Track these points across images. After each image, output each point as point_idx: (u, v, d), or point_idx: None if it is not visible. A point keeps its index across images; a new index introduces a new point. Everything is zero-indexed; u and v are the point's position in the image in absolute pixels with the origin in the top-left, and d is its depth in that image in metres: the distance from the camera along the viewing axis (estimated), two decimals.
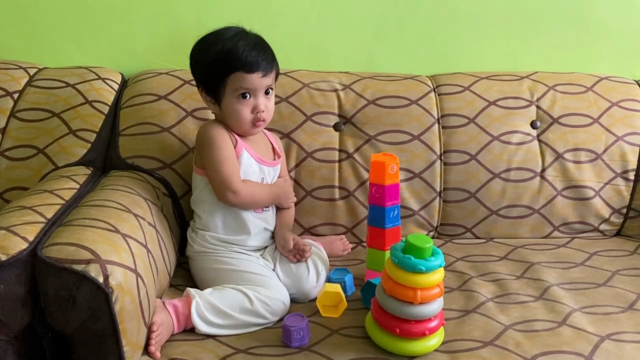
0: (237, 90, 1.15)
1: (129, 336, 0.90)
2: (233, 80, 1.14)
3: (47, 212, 1.00)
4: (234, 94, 1.15)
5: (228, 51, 1.13)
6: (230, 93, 1.16)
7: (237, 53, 1.13)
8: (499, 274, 1.28)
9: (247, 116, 1.17)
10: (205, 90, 1.19)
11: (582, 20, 1.62)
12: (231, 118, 1.18)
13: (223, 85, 1.15)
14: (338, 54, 1.58)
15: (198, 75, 1.20)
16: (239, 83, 1.14)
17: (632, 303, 1.17)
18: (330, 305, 1.12)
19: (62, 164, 1.31)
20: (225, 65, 1.14)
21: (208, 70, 1.15)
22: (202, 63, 1.16)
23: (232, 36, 1.15)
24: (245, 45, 1.14)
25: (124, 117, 1.39)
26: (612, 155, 1.48)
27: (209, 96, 1.19)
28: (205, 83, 1.18)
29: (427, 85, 1.51)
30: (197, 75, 1.20)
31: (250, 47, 1.14)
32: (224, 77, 1.14)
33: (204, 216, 1.23)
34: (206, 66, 1.15)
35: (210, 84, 1.17)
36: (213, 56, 1.14)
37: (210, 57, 1.14)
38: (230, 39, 1.14)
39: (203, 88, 1.19)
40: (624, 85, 1.56)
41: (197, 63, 1.18)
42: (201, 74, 1.18)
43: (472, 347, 1.01)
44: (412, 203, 1.44)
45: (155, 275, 1.04)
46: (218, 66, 1.14)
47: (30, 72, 1.43)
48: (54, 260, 0.86)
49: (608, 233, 1.52)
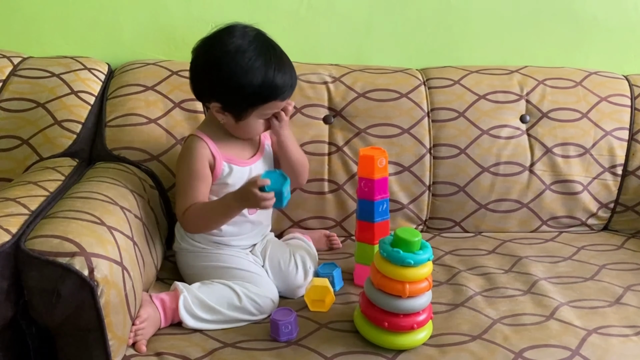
0: (266, 114, 1.13)
1: (115, 330, 0.89)
2: (268, 107, 1.12)
3: (31, 204, 0.98)
4: (260, 115, 1.13)
5: (271, 83, 1.07)
6: (258, 115, 1.13)
7: (278, 85, 1.09)
8: (487, 267, 1.29)
9: (261, 129, 1.17)
10: (223, 107, 1.12)
11: (572, 15, 1.62)
12: (244, 131, 1.16)
13: (254, 108, 1.11)
14: (328, 46, 1.57)
15: (222, 95, 1.10)
16: (271, 108, 1.12)
17: (619, 297, 1.18)
18: (319, 300, 1.11)
19: (46, 155, 1.29)
20: (266, 97, 1.09)
21: (244, 97, 1.09)
22: (235, 88, 1.08)
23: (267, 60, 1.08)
24: (284, 74, 1.09)
25: (110, 108, 1.37)
26: (601, 150, 1.49)
27: (225, 111, 1.12)
28: (230, 103, 1.11)
29: (417, 79, 1.50)
30: (220, 94, 1.11)
31: (287, 74, 1.10)
32: (260, 105, 1.10)
33: None
34: (242, 93, 1.08)
35: (238, 106, 1.11)
36: (253, 87, 1.07)
37: (249, 87, 1.07)
38: (268, 67, 1.07)
39: (221, 104, 1.11)
40: (613, 80, 1.56)
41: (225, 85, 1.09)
42: (229, 95, 1.10)
43: (461, 341, 1.02)
44: (401, 197, 1.44)
45: (141, 269, 1.03)
46: (257, 96, 1.09)
47: (14, 61, 1.40)
48: (37, 253, 0.84)
49: (595, 227, 1.53)
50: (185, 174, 1.14)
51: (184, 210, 1.13)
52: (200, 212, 1.12)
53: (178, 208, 1.15)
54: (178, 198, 1.15)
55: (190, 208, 1.12)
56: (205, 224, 1.14)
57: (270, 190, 1.04)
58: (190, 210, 1.12)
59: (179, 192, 1.15)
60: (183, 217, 1.14)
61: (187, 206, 1.12)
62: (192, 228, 1.16)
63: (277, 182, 1.05)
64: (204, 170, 1.14)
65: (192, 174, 1.13)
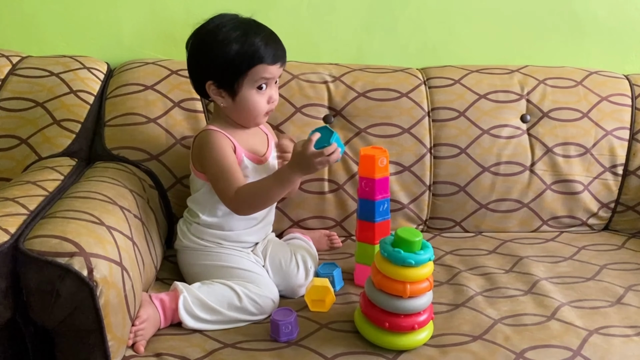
0: (257, 81, 1.13)
1: (114, 331, 0.89)
2: (254, 72, 1.12)
3: (30, 204, 0.98)
4: (252, 85, 1.13)
5: (252, 44, 1.10)
6: (249, 85, 1.13)
7: (260, 46, 1.11)
8: (488, 267, 1.28)
9: (263, 107, 1.16)
10: (217, 84, 1.14)
11: (572, 15, 1.62)
12: (245, 110, 1.16)
13: (243, 77, 1.12)
14: (328, 46, 1.57)
15: (209, 70, 1.14)
16: (260, 74, 1.12)
17: (620, 297, 1.17)
18: (319, 300, 1.11)
19: (45, 154, 1.28)
20: (250, 59, 1.10)
21: (230, 65, 1.11)
22: (220, 58, 1.11)
23: (249, 28, 1.12)
24: (264, 38, 1.12)
25: (109, 108, 1.37)
26: (601, 149, 1.49)
27: (220, 89, 1.15)
28: (220, 77, 1.13)
29: (417, 78, 1.50)
30: (208, 69, 1.14)
31: (271, 39, 1.13)
32: (247, 70, 1.11)
33: (204, 215, 1.19)
34: (227, 61, 1.10)
35: (228, 78, 1.13)
36: (236, 51, 1.10)
37: (232, 52, 1.10)
38: (248, 31, 1.12)
39: (214, 81, 1.14)
40: (614, 79, 1.56)
41: (209, 58, 1.12)
42: (217, 68, 1.12)
43: (461, 342, 1.01)
44: (401, 196, 1.44)
45: (141, 269, 1.03)
46: (241, 60, 1.10)
47: (13, 60, 1.39)
48: (36, 253, 0.84)
49: (596, 227, 1.53)
50: (220, 161, 1.13)
51: (232, 194, 1.11)
52: (256, 189, 1.11)
53: (224, 195, 1.12)
54: (220, 186, 1.13)
55: (240, 190, 1.11)
56: (262, 201, 1.13)
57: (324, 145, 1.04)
58: (242, 191, 1.11)
59: (219, 180, 1.13)
60: (235, 199, 1.11)
61: (234, 189, 1.11)
62: (247, 208, 1.14)
63: (327, 135, 1.05)
64: (234, 156, 1.15)
65: (227, 159, 1.13)
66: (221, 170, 1.13)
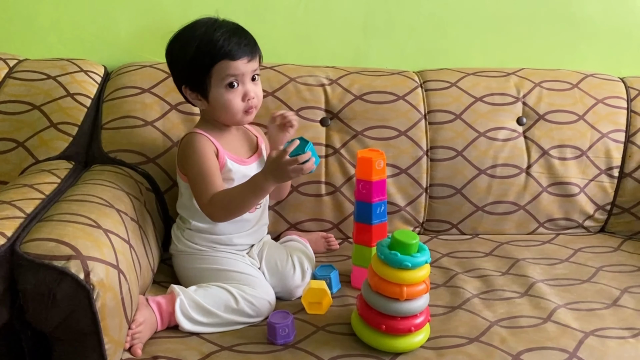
0: (224, 79, 1.12)
1: (111, 334, 0.89)
2: (218, 70, 1.11)
3: (27, 207, 0.98)
4: (221, 84, 1.12)
5: (209, 41, 1.10)
6: (217, 84, 1.12)
7: (218, 41, 1.10)
8: (484, 270, 1.29)
9: (238, 105, 1.14)
10: (189, 87, 1.16)
11: (568, 18, 1.63)
12: (222, 110, 1.15)
13: (208, 77, 1.12)
14: (325, 49, 1.57)
15: (180, 73, 1.16)
16: (225, 72, 1.11)
17: (616, 299, 1.18)
18: (316, 302, 1.11)
19: (42, 157, 1.28)
20: (209, 56, 1.10)
21: (191, 65, 1.12)
22: (182, 59, 1.12)
23: (209, 27, 1.12)
24: (225, 33, 1.11)
25: (106, 110, 1.37)
26: (597, 152, 1.49)
27: (194, 92, 1.15)
28: (189, 79, 1.15)
29: (414, 81, 1.51)
30: (179, 73, 1.17)
31: (231, 34, 1.12)
32: (209, 69, 1.11)
33: (194, 221, 1.19)
34: (188, 61, 1.12)
35: (195, 79, 1.13)
36: (194, 49, 1.10)
37: (191, 51, 1.10)
38: (208, 30, 1.11)
39: (187, 85, 1.16)
40: (609, 82, 1.57)
41: (177, 61, 1.15)
42: (183, 70, 1.15)
43: (458, 344, 1.01)
44: (398, 199, 1.44)
45: (138, 272, 1.03)
46: (201, 59, 1.11)
47: (10, 63, 1.39)
48: (33, 257, 0.84)
49: (592, 229, 1.53)
50: (200, 166, 1.13)
51: (207, 200, 1.11)
52: (229, 197, 1.10)
53: (201, 200, 1.12)
54: (198, 190, 1.13)
55: (215, 196, 1.10)
56: (236, 208, 1.11)
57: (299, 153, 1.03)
58: (217, 198, 1.10)
59: (197, 183, 1.13)
60: (209, 205, 1.11)
61: (210, 195, 1.11)
62: (221, 215, 1.13)
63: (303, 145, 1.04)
64: (215, 160, 1.14)
65: (206, 164, 1.13)
66: (199, 174, 1.13)
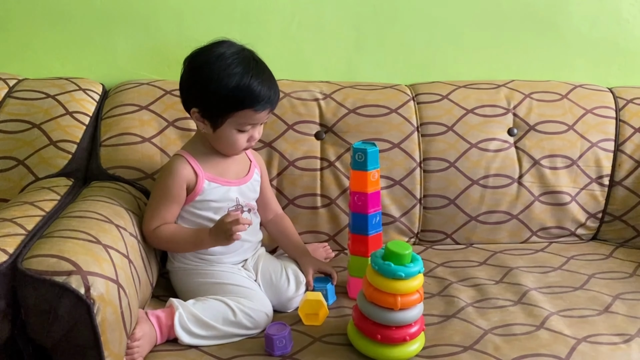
0: (241, 125, 1.14)
1: (111, 347, 0.90)
2: (241, 116, 1.12)
3: (28, 224, 0.99)
4: (236, 126, 1.14)
5: (245, 89, 1.09)
6: (233, 125, 1.13)
7: (253, 92, 1.10)
8: (478, 279, 1.30)
9: (242, 145, 1.17)
10: (201, 113, 1.14)
11: (556, 30, 1.66)
12: (224, 144, 1.17)
13: (229, 116, 1.12)
14: (318, 64, 1.60)
15: (199, 100, 1.13)
16: (246, 119, 1.12)
17: (608, 306, 1.19)
18: (312, 314, 1.13)
19: (42, 175, 1.30)
20: (239, 102, 1.10)
21: (218, 101, 1.10)
22: (211, 91, 1.10)
23: (246, 68, 1.10)
24: (261, 83, 1.11)
25: (105, 128, 1.39)
26: (587, 161, 1.51)
27: (204, 118, 1.14)
28: (207, 110, 1.13)
29: (406, 94, 1.53)
30: (198, 99, 1.14)
31: (265, 85, 1.12)
32: (233, 112, 1.11)
33: None
34: (217, 96, 1.10)
35: (214, 113, 1.12)
36: (227, 90, 1.09)
37: (223, 89, 1.09)
38: (246, 73, 1.10)
39: (200, 110, 1.14)
40: (598, 92, 1.59)
41: (201, 89, 1.12)
42: (206, 101, 1.12)
43: (453, 352, 1.03)
44: (393, 210, 1.46)
45: (137, 286, 1.04)
46: (231, 101, 1.10)
47: (9, 83, 1.42)
48: (34, 273, 0.85)
49: (584, 237, 1.55)
50: (161, 192, 1.17)
51: (152, 227, 1.16)
52: (172, 236, 1.16)
53: (146, 223, 1.17)
54: (148, 213, 1.18)
55: (160, 228, 1.16)
56: (172, 247, 1.21)
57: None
58: (161, 230, 1.16)
59: (151, 208, 1.18)
60: (151, 234, 1.16)
61: (156, 224, 1.16)
62: (157, 246, 1.20)
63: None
64: (180, 192, 1.17)
65: (167, 193, 1.16)
66: (157, 201, 1.17)
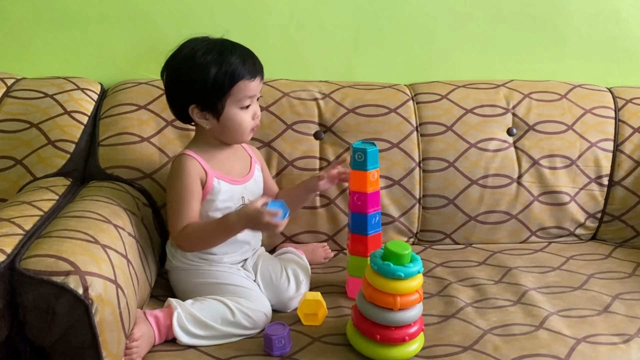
0: (241, 100, 1.15)
1: (109, 348, 0.90)
2: (238, 90, 1.13)
3: (26, 224, 0.99)
4: (237, 104, 1.15)
5: (231, 63, 1.12)
6: (234, 104, 1.15)
7: (240, 64, 1.13)
8: (477, 279, 1.30)
9: (248, 124, 1.18)
10: (200, 107, 1.15)
11: (556, 30, 1.66)
12: (231, 129, 1.17)
13: (227, 97, 1.13)
14: (317, 64, 1.60)
15: (193, 94, 1.14)
16: (243, 92, 1.14)
17: (607, 306, 1.19)
18: (311, 314, 1.12)
19: (40, 175, 1.30)
20: (231, 77, 1.12)
21: (212, 86, 1.12)
22: (201, 81, 1.12)
23: (221, 48, 1.14)
24: (243, 54, 1.14)
25: (103, 127, 1.39)
26: (587, 161, 1.51)
27: (204, 112, 1.15)
28: (203, 99, 1.14)
29: (405, 94, 1.53)
30: (192, 94, 1.14)
31: (248, 55, 1.15)
32: (229, 89, 1.13)
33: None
34: (209, 83, 1.11)
35: (210, 100, 1.14)
36: (216, 71, 1.11)
37: (212, 73, 1.11)
38: (223, 52, 1.13)
39: (197, 105, 1.15)
40: (597, 92, 1.59)
41: (193, 83, 1.13)
42: (200, 92, 1.13)
43: (452, 352, 1.03)
44: (392, 210, 1.46)
45: (135, 286, 1.04)
46: (223, 80, 1.12)
47: (7, 82, 1.41)
48: (32, 273, 0.85)
49: (584, 237, 1.55)
50: (179, 192, 1.15)
51: (179, 229, 1.14)
52: (200, 232, 1.13)
53: (173, 227, 1.16)
54: (172, 217, 1.16)
55: (187, 228, 1.13)
56: (204, 243, 1.16)
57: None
58: (188, 230, 1.13)
59: (173, 211, 1.16)
60: (180, 236, 1.14)
61: (182, 225, 1.14)
62: (189, 247, 1.17)
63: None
64: (197, 188, 1.16)
65: (186, 192, 1.15)
66: (177, 202, 1.15)
